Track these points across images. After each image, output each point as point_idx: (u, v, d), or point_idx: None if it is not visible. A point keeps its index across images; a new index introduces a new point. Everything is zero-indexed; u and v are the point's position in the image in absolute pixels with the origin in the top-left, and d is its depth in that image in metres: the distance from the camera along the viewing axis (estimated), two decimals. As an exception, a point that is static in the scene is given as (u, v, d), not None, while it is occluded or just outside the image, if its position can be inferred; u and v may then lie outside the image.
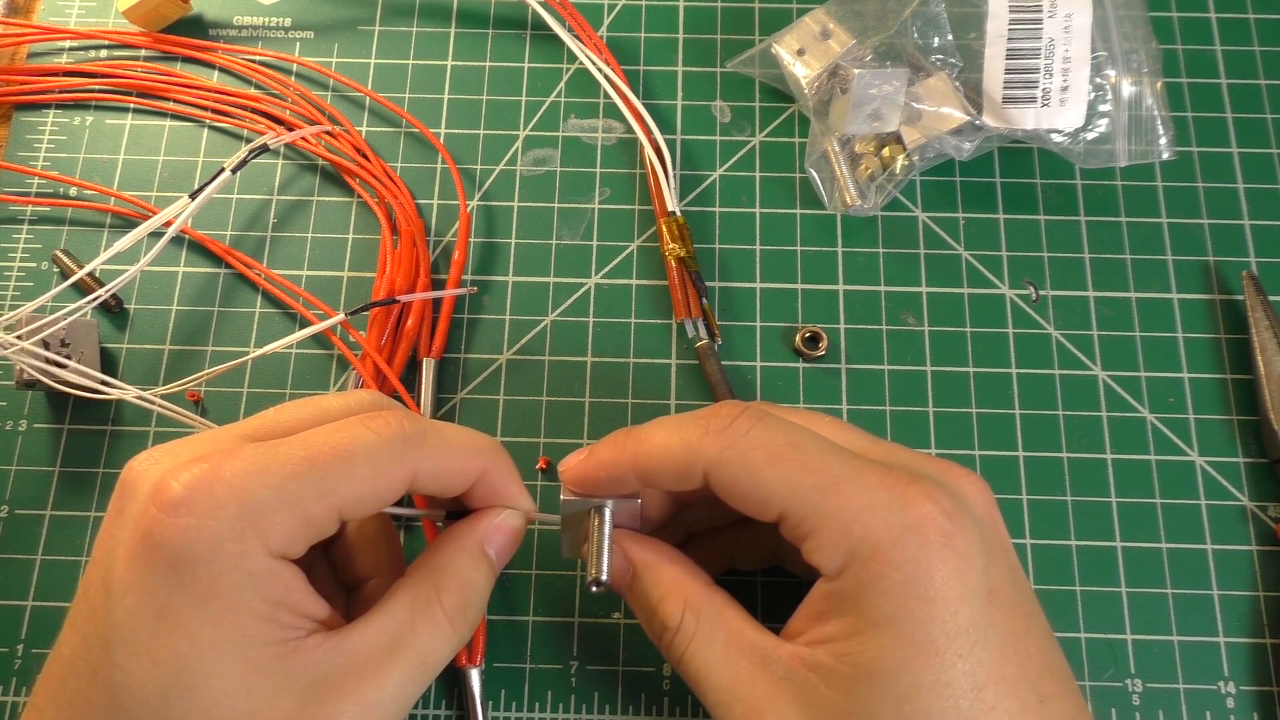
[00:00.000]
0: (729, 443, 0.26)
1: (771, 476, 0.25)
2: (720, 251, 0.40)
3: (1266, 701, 0.34)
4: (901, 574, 0.24)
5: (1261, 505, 0.36)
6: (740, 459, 0.26)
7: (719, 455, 0.26)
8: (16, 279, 0.39)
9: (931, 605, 0.24)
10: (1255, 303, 0.38)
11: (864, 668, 0.24)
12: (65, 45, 0.43)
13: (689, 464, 0.26)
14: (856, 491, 0.25)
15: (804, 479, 0.25)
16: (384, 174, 0.40)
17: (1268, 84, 0.42)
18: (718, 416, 0.27)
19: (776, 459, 0.25)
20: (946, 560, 0.24)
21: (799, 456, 0.25)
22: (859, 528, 0.24)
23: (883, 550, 0.24)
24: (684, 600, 0.27)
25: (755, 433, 0.26)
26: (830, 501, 0.25)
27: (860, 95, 0.38)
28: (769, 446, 0.26)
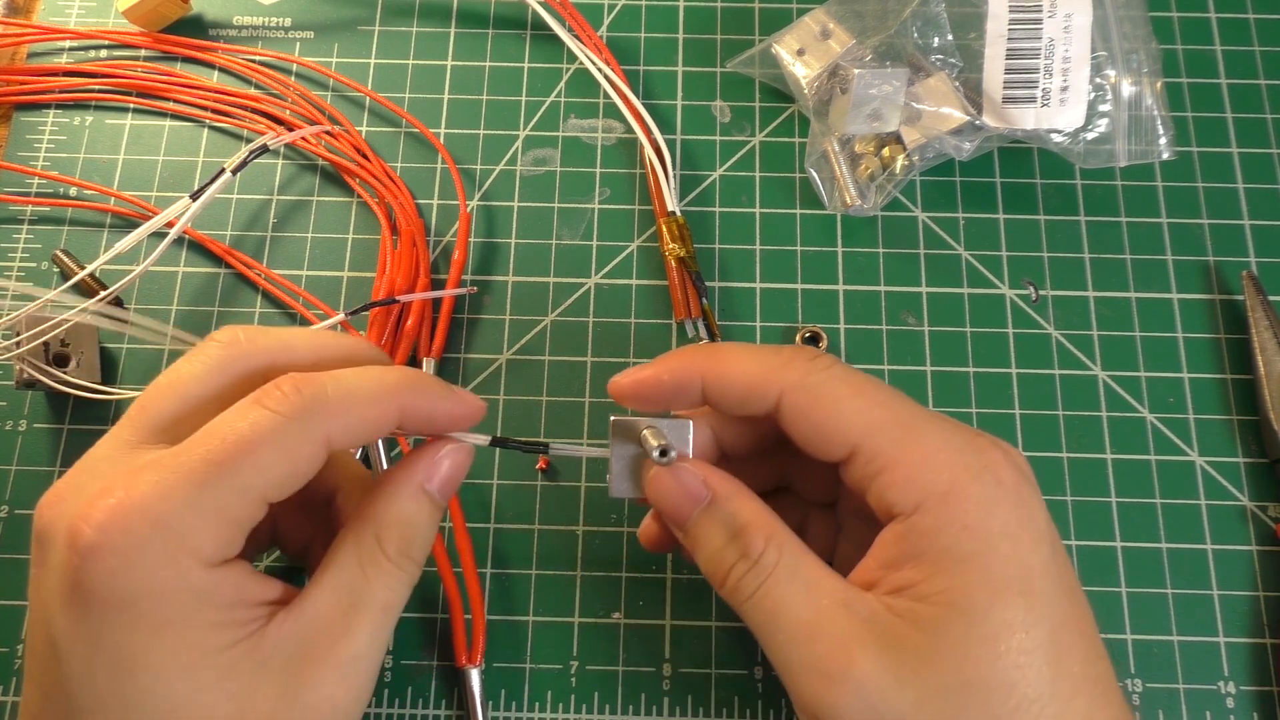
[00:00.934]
0: (812, 369, 0.26)
1: (851, 408, 0.25)
2: (720, 251, 0.40)
3: (1266, 701, 0.34)
4: (982, 511, 0.24)
5: (1261, 505, 0.36)
6: (821, 386, 0.26)
7: (801, 380, 0.26)
8: (17, 279, 0.39)
9: (1015, 544, 0.24)
10: (1255, 303, 0.38)
11: (954, 605, 0.23)
12: (65, 45, 0.43)
13: (765, 384, 0.26)
14: (933, 432, 0.25)
15: (883, 413, 0.25)
16: (384, 174, 0.40)
17: (1267, 84, 0.42)
18: (799, 353, 0.27)
19: (858, 392, 0.26)
20: (1019, 505, 0.24)
21: (879, 394, 0.26)
22: (938, 463, 0.24)
23: (961, 486, 0.24)
24: (768, 532, 0.26)
25: (837, 368, 0.26)
26: (908, 437, 0.25)
27: (860, 95, 0.38)
28: (850, 380, 0.26)
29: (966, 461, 0.24)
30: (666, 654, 0.34)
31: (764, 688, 0.34)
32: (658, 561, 0.35)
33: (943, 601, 0.24)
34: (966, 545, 0.24)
